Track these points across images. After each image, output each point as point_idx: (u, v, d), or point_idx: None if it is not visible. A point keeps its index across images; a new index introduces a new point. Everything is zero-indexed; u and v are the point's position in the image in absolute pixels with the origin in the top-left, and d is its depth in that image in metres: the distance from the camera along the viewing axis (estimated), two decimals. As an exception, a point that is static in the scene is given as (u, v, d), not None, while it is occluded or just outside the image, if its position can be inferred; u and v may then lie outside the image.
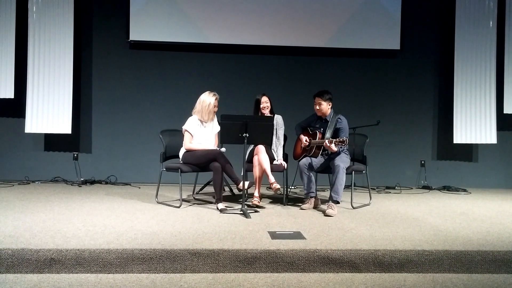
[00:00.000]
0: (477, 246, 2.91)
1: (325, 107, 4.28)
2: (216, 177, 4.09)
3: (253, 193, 4.36)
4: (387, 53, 6.17)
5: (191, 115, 4.40)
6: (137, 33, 5.88)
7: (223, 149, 4.33)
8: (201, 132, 4.36)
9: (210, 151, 4.23)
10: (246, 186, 4.01)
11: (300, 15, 5.98)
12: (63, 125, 5.64)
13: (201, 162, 4.20)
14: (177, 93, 5.95)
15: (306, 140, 4.34)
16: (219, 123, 4.39)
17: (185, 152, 4.34)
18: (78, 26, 5.83)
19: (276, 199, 4.72)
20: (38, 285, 2.45)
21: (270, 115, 4.60)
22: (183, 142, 4.35)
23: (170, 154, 4.54)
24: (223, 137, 4.12)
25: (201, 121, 4.37)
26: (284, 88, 6.05)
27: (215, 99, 4.35)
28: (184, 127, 4.34)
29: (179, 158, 4.42)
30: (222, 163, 4.10)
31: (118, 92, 6.01)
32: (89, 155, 6.00)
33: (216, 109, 4.39)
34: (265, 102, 4.59)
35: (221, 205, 4.04)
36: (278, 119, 4.67)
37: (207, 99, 4.33)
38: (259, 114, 4.60)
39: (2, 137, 5.92)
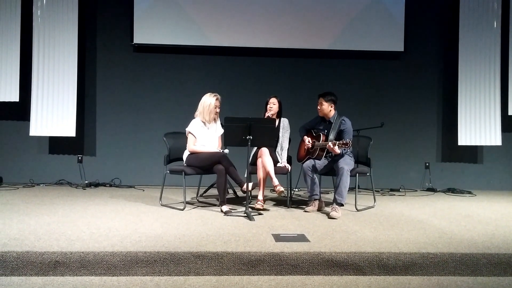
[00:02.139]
0: (482, 249, 2.90)
1: (326, 108, 4.29)
2: (220, 180, 4.10)
3: (257, 196, 4.36)
4: (391, 55, 6.16)
5: (194, 118, 4.41)
6: (141, 36, 5.89)
7: (226, 151, 4.33)
8: (204, 134, 4.37)
9: (213, 153, 4.23)
10: (250, 188, 4.01)
11: (304, 17, 5.98)
12: (67, 128, 5.65)
13: (205, 164, 4.20)
14: (181, 96, 5.95)
15: (309, 142, 4.34)
16: (222, 126, 4.40)
17: (189, 154, 4.34)
18: (82, 30, 5.86)
19: (280, 202, 4.72)
20: (42, 288, 2.46)
21: (273, 117, 4.57)
22: (187, 144, 4.36)
23: (174, 156, 4.55)
24: (226, 140, 4.13)
25: (204, 123, 4.38)
26: (287, 90, 6.04)
27: (216, 99, 4.36)
28: (187, 129, 4.35)
29: (183, 160, 4.43)
30: (226, 165, 4.11)
31: (122, 95, 6.03)
32: (94, 158, 6.02)
33: (218, 109, 4.40)
34: (272, 103, 4.60)
35: (225, 208, 4.05)
36: (284, 122, 4.67)
37: (208, 100, 4.35)
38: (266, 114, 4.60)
39: (7, 140, 5.95)
